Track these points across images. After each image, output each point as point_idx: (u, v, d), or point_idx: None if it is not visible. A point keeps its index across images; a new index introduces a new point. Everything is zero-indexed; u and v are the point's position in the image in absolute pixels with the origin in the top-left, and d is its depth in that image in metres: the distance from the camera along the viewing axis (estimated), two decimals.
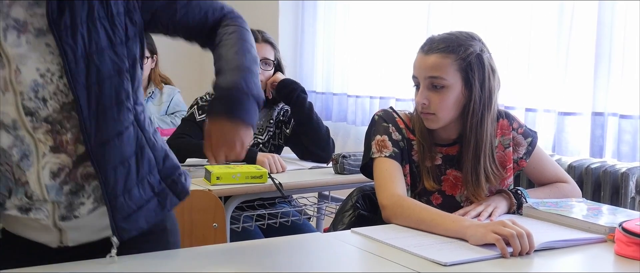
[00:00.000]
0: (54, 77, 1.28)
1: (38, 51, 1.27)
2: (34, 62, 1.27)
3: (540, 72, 2.90)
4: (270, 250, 1.59)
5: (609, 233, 1.64)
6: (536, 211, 1.84)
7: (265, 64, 2.81)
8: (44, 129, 1.31)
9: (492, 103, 1.89)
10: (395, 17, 3.69)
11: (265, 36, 2.85)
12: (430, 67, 1.85)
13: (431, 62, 1.85)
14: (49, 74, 1.28)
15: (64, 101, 1.30)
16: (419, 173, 1.95)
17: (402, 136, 1.94)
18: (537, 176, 2.07)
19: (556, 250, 1.58)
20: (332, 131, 2.92)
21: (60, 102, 1.30)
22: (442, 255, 1.47)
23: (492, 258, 1.49)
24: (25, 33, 1.27)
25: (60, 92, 1.29)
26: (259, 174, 2.37)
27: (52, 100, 1.29)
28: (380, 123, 1.96)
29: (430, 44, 1.88)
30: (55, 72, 1.28)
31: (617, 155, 2.63)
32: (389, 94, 3.74)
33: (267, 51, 2.83)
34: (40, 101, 1.29)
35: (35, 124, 1.30)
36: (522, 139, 2.01)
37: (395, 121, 1.96)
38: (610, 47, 2.62)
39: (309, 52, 4.39)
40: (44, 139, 1.31)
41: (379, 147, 1.92)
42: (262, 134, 2.88)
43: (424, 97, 1.87)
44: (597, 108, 2.67)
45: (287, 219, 2.65)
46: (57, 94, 1.29)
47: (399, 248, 1.54)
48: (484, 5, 3.14)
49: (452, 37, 1.87)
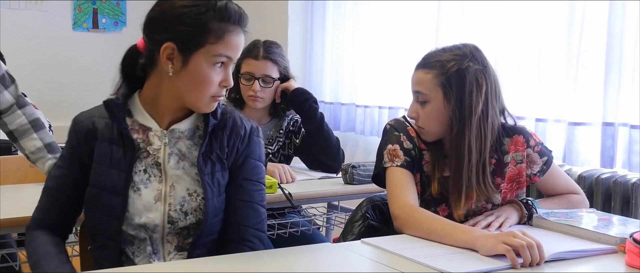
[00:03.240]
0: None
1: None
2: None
3: (550, 83, 2.90)
4: (280, 260, 1.59)
5: (620, 244, 1.63)
6: (546, 222, 1.83)
7: (265, 82, 2.80)
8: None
9: (473, 118, 1.85)
10: (403, 28, 3.70)
11: (267, 51, 2.80)
12: (415, 82, 1.93)
13: (417, 77, 1.92)
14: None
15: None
16: (428, 183, 1.95)
17: (413, 144, 1.95)
18: (548, 190, 2.07)
19: (567, 261, 1.57)
20: (340, 141, 2.92)
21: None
22: (452, 266, 1.47)
23: (503, 269, 1.49)
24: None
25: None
26: (268, 184, 2.37)
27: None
28: (392, 132, 1.97)
29: (422, 59, 1.94)
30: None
31: (628, 165, 2.61)
32: (398, 104, 3.74)
33: (268, 68, 2.79)
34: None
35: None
36: (537, 158, 1.99)
37: (407, 130, 1.97)
38: (620, 57, 2.61)
39: (317, 62, 4.40)
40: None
41: (390, 156, 1.93)
42: (271, 144, 2.88)
43: (412, 110, 1.94)
44: (608, 118, 2.66)
45: (297, 229, 2.65)
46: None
47: (409, 259, 1.54)
48: (493, 17, 3.14)
49: (438, 53, 1.91)
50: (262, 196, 1.73)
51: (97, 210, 1.63)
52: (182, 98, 1.62)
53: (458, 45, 1.93)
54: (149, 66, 1.62)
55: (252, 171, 1.71)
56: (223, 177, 1.67)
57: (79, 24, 4.88)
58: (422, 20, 3.58)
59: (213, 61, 1.57)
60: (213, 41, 1.56)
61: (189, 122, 1.69)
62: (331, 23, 4.27)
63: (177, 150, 1.66)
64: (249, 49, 2.84)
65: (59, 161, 1.71)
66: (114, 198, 1.61)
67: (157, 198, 1.63)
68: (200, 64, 1.56)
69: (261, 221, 1.72)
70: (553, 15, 2.88)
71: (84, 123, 1.66)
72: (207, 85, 1.58)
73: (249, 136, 1.71)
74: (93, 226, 1.66)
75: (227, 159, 1.68)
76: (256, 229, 1.70)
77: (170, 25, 1.56)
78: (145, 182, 1.63)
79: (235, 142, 1.69)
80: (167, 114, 1.66)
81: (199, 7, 1.55)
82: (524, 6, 2.99)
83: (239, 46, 1.60)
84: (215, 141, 1.67)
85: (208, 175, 1.64)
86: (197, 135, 1.69)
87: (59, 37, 4.80)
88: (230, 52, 1.59)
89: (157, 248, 1.65)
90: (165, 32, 1.56)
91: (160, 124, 1.66)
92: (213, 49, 1.56)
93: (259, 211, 1.72)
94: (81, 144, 1.65)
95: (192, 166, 1.65)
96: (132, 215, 1.61)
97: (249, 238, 1.68)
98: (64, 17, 4.82)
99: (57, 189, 1.68)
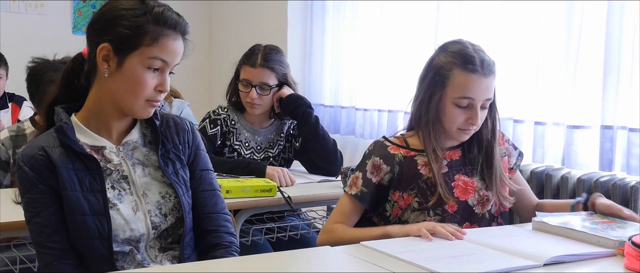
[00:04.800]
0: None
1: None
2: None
3: (549, 86, 2.90)
4: (279, 264, 1.60)
5: (619, 247, 1.63)
6: (545, 225, 1.84)
7: (262, 89, 2.81)
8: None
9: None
10: (403, 32, 3.70)
11: (265, 58, 2.82)
12: (485, 89, 1.94)
13: (486, 85, 1.94)
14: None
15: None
16: (428, 187, 1.95)
17: (396, 161, 1.98)
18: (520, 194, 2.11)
19: (566, 264, 1.57)
20: (340, 144, 2.92)
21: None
22: (451, 267, 1.47)
23: (512, 270, 1.50)
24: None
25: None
26: (268, 187, 2.38)
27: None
28: (364, 159, 2.05)
29: (481, 66, 1.93)
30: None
31: (627, 169, 2.62)
32: (397, 107, 3.74)
33: (264, 75, 2.81)
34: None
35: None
36: (513, 151, 2.13)
37: (387, 150, 2.01)
38: (618, 60, 2.61)
39: (317, 66, 4.40)
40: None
41: (351, 182, 2.04)
42: (272, 147, 2.89)
43: (480, 118, 1.94)
44: (606, 121, 2.66)
45: (296, 232, 2.65)
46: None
47: (408, 262, 1.54)
48: (492, 21, 3.14)
49: (484, 55, 1.96)
50: (217, 182, 1.83)
51: (85, 237, 1.58)
52: (118, 102, 1.62)
53: (474, 43, 1.99)
54: (92, 72, 1.64)
55: (205, 161, 1.80)
56: (185, 173, 1.73)
57: (78, 27, 4.88)
58: (421, 24, 3.58)
59: (148, 64, 1.59)
60: (148, 43, 1.58)
61: (137, 131, 1.72)
62: (331, 26, 4.28)
63: (137, 160, 1.69)
64: (248, 56, 2.86)
65: (31, 210, 1.60)
66: (99, 219, 1.58)
67: (136, 209, 1.64)
68: (134, 66, 1.58)
69: (225, 206, 1.82)
70: (551, 19, 2.88)
71: (35, 157, 1.58)
72: (141, 88, 1.60)
73: (192, 131, 1.79)
74: (84, 253, 1.60)
75: (184, 155, 1.75)
76: (225, 214, 1.80)
77: (108, 27, 1.59)
78: (118, 197, 1.63)
79: (185, 138, 1.76)
80: (114, 128, 1.68)
81: (136, 10, 1.59)
82: (522, 9, 2.99)
83: (175, 50, 1.62)
84: (167, 141, 1.72)
85: (173, 174, 1.70)
86: (147, 141, 1.73)
87: (59, 41, 4.78)
88: (165, 56, 1.60)
89: (144, 255, 1.66)
90: (103, 34, 1.59)
91: (110, 140, 1.68)
92: (148, 51, 1.58)
93: (221, 197, 1.82)
94: (45, 177, 1.58)
95: (156, 170, 1.70)
96: (117, 232, 1.61)
97: (223, 223, 1.78)
98: (63, 21, 4.83)
99: (54, 230, 1.58)
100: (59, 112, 1.64)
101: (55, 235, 1.59)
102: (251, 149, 2.88)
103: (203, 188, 1.77)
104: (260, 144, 2.90)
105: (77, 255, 1.60)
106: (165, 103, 3.67)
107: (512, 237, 1.77)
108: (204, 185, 1.77)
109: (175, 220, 1.69)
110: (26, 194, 1.60)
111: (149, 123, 1.72)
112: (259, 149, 2.89)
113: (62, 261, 1.59)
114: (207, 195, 1.77)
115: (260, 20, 4.65)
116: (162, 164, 1.68)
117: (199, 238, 1.75)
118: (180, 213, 1.68)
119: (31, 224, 1.61)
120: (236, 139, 2.87)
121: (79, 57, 1.68)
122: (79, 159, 1.60)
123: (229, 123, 2.86)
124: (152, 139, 1.72)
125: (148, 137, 1.73)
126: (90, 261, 1.61)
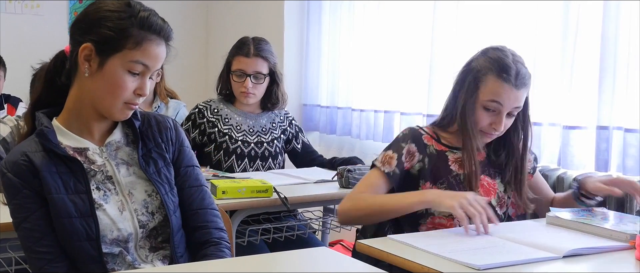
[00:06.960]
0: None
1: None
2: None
3: (545, 87, 2.91)
4: (276, 264, 1.60)
5: (631, 239, 1.71)
6: (560, 219, 1.92)
7: (256, 79, 2.87)
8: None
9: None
10: (399, 32, 3.70)
11: (257, 48, 2.91)
12: (514, 99, 2.00)
13: (516, 96, 1.99)
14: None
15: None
16: (457, 183, 2.02)
17: (428, 152, 2.02)
18: (537, 190, 2.20)
19: (581, 256, 1.65)
20: (336, 144, 2.96)
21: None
22: (485, 259, 1.53)
23: (530, 261, 1.57)
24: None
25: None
26: (264, 188, 2.38)
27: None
28: (399, 141, 2.05)
29: (515, 78, 1.98)
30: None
31: (623, 169, 2.62)
32: (394, 108, 3.74)
33: (258, 64, 2.90)
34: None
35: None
36: (531, 156, 2.17)
37: (422, 139, 2.04)
38: (614, 61, 2.62)
39: (313, 66, 4.40)
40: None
41: (384, 160, 2.02)
42: (265, 134, 2.99)
43: (504, 125, 2.01)
44: (602, 122, 2.67)
45: (293, 233, 2.65)
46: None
47: (435, 254, 1.59)
48: (488, 21, 3.15)
49: (522, 67, 2.02)
50: (203, 178, 1.82)
51: (73, 239, 1.58)
52: (96, 103, 1.62)
53: (516, 53, 2.04)
54: (73, 70, 1.63)
55: (190, 157, 1.79)
56: (170, 172, 1.73)
57: None
58: (418, 24, 3.58)
59: (129, 67, 1.59)
60: (131, 46, 1.58)
61: (119, 130, 1.72)
62: (327, 27, 4.28)
63: (121, 160, 1.69)
64: (239, 47, 2.94)
65: (18, 216, 1.60)
66: (86, 221, 1.58)
67: (122, 209, 1.64)
68: (115, 69, 1.58)
69: (213, 201, 1.81)
70: (547, 19, 2.89)
71: (17, 163, 1.58)
72: (120, 90, 1.59)
73: (174, 127, 1.78)
74: (74, 255, 1.60)
75: (168, 152, 1.74)
76: (213, 209, 1.79)
77: (93, 27, 1.59)
78: (104, 198, 1.63)
79: (167, 135, 1.75)
80: (95, 129, 1.68)
81: (122, 13, 1.59)
82: (518, 10, 3.00)
83: (158, 56, 1.62)
84: (149, 140, 1.72)
85: (154, 173, 1.69)
86: (131, 140, 1.73)
87: (55, 41, 4.75)
88: (147, 61, 1.60)
89: (134, 256, 1.65)
90: (87, 34, 1.59)
91: (92, 142, 1.67)
92: (130, 54, 1.58)
93: (208, 192, 1.81)
94: (29, 182, 1.58)
95: (141, 169, 1.69)
96: (104, 233, 1.60)
97: (212, 219, 1.77)
98: (60, 21, 4.82)
99: (43, 234, 1.58)
100: (40, 117, 1.64)
101: (44, 239, 1.58)
102: (243, 132, 2.95)
103: (189, 184, 1.76)
104: (252, 128, 2.98)
105: (67, 258, 1.60)
106: (161, 103, 3.66)
107: (529, 231, 1.85)
108: (190, 181, 1.76)
109: (162, 217, 1.68)
110: (12, 200, 1.60)
111: (129, 123, 1.71)
112: (251, 132, 2.96)
113: (53, 264, 1.58)
114: (194, 191, 1.76)
115: (256, 21, 4.65)
116: (143, 164, 1.68)
117: (189, 235, 1.74)
118: (165, 210, 1.68)
119: (20, 230, 1.61)
120: (224, 125, 2.93)
121: (61, 55, 1.68)
122: (62, 162, 1.60)
123: (210, 112, 2.95)
124: (135, 138, 1.72)
125: (131, 136, 1.73)
126: (81, 263, 1.60)
